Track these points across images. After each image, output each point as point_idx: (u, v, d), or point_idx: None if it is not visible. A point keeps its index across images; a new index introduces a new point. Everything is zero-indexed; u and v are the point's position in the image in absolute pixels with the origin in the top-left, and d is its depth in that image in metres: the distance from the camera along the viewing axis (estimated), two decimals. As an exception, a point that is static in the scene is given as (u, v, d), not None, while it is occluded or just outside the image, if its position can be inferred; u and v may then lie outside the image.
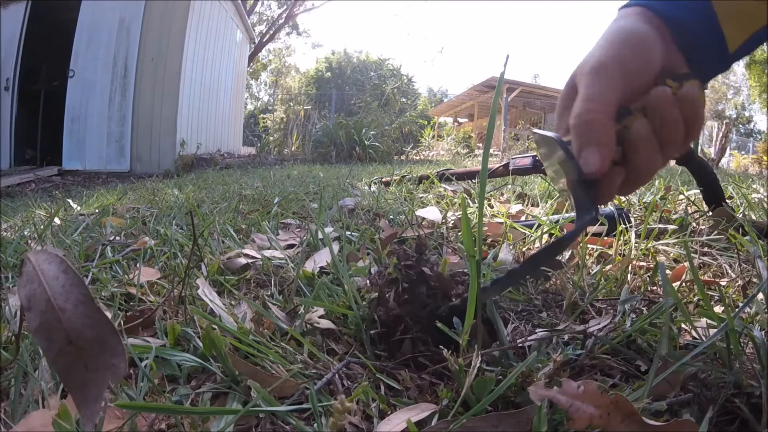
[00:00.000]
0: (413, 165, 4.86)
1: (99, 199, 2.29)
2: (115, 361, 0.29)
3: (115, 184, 4.44)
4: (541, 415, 0.31)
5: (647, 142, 0.43)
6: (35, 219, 1.52)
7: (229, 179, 3.13)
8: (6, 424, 0.38)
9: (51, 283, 0.29)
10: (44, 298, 0.28)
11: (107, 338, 0.29)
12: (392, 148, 8.23)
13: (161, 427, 0.38)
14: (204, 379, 0.44)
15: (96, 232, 1.15)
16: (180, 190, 2.38)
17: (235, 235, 1.00)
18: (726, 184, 1.32)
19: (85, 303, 0.29)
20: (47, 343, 0.28)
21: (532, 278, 0.51)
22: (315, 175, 3.18)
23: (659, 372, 0.38)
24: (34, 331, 0.28)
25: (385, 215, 1.22)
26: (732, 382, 0.39)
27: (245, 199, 1.73)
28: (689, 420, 0.32)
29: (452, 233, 1.01)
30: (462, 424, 0.33)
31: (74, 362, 0.28)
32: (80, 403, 0.28)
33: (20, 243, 1.04)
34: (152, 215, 1.43)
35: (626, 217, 0.91)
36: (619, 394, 0.32)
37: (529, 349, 0.46)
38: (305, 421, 0.37)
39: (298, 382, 0.41)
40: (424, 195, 1.57)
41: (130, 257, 0.88)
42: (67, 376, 0.28)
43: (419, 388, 0.41)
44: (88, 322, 0.28)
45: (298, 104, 10.56)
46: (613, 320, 0.53)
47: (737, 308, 0.48)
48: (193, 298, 0.62)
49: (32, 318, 0.28)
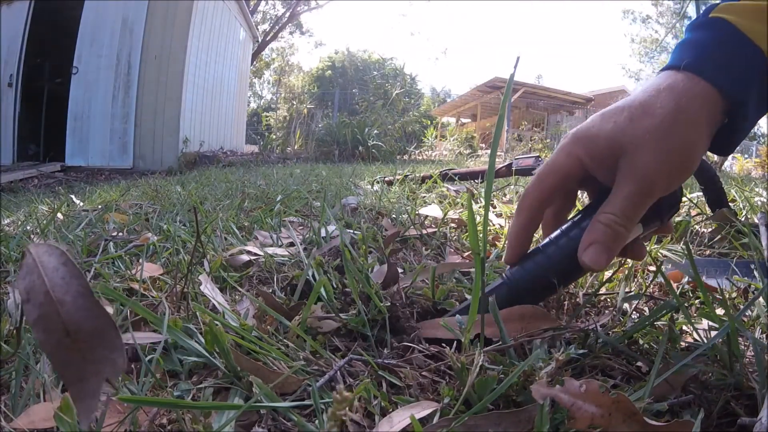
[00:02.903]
0: (416, 165, 4.86)
1: (102, 195, 2.29)
2: (114, 355, 0.29)
3: (117, 181, 4.44)
4: (543, 414, 0.31)
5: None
6: (38, 214, 1.52)
7: (231, 177, 3.13)
8: (7, 417, 0.38)
9: (50, 275, 0.29)
10: (43, 290, 0.28)
11: (106, 331, 0.28)
12: (395, 147, 8.23)
13: (162, 421, 0.38)
14: (206, 374, 0.44)
15: (99, 228, 1.15)
16: (183, 187, 2.38)
17: (237, 232, 1.00)
18: (729, 187, 1.32)
19: (84, 295, 0.28)
20: (45, 336, 0.28)
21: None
22: (318, 173, 3.18)
23: (660, 373, 0.38)
24: (32, 323, 0.28)
25: (387, 214, 1.22)
26: (732, 384, 0.39)
27: (248, 196, 1.74)
28: (690, 420, 0.32)
29: (454, 233, 1.01)
30: (463, 422, 0.33)
31: (72, 355, 0.28)
32: (77, 396, 0.28)
33: (23, 238, 1.04)
34: (155, 212, 1.44)
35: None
36: (620, 393, 0.32)
37: (530, 349, 0.47)
38: (307, 418, 0.37)
39: (300, 378, 0.41)
40: (427, 195, 1.57)
41: (132, 253, 0.89)
42: (64, 369, 0.28)
43: (421, 386, 0.41)
44: (87, 314, 0.28)
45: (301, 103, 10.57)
46: (613, 319, 0.53)
47: (739, 311, 0.48)
48: (195, 294, 0.62)
49: (31, 310, 0.28)
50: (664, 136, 0.42)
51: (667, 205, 0.47)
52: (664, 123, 0.43)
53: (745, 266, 0.66)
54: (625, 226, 0.43)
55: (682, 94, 0.43)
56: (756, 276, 0.61)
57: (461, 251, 0.86)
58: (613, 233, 0.43)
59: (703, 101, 0.43)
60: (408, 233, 0.96)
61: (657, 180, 0.43)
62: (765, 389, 0.36)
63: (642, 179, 0.43)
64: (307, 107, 10.09)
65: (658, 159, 0.42)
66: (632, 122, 0.43)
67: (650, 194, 0.43)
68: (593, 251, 0.44)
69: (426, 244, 0.92)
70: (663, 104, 0.43)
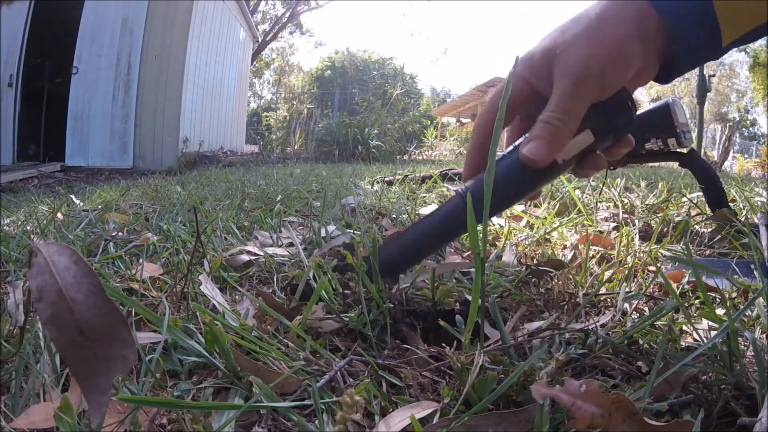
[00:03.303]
0: (416, 165, 4.86)
1: (102, 195, 2.29)
2: (125, 352, 0.30)
3: (117, 181, 4.44)
4: (543, 414, 0.31)
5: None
6: (38, 214, 1.52)
7: (231, 177, 3.13)
8: (7, 417, 0.38)
9: (62, 274, 0.29)
10: (55, 289, 0.28)
11: (118, 329, 0.29)
12: (395, 147, 8.24)
13: (162, 421, 0.38)
14: (206, 374, 0.44)
15: (99, 228, 1.15)
16: (183, 187, 2.38)
17: (237, 232, 1.00)
18: (729, 187, 1.32)
19: (96, 294, 0.29)
20: (58, 334, 0.28)
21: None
22: (318, 173, 3.18)
23: (660, 373, 0.38)
24: (44, 321, 0.28)
25: (387, 214, 1.22)
26: (732, 384, 0.39)
27: (248, 196, 1.74)
28: (690, 420, 0.32)
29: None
30: (463, 422, 0.33)
31: (84, 353, 0.28)
32: (89, 393, 0.28)
33: (23, 238, 1.04)
34: (155, 212, 1.44)
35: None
36: (620, 393, 0.32)
37: (530, 349, 0.47)
38: (307, 418, 0.37)
39: (300, 378, 0.41)
40: (427, 195, 1.57)
41: (132, 253, 0.89)
42: (76, 367, 0.29)
43: (421, 386, 0.41)
44: (99, 312, 0.29)
45: (301, 103, 10.57)
46: (613, 319, 0.53)
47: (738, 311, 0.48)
48: (195, 294, 0.62)
49: (43, 309, 0.28)
50: (591, 34, 0.45)
51: (617, 115, 0.48)
52: (591, 23, 0.45)
53: (745, 266, 0.66)
54: (563, 121, 0.45)
55: (612, 3, 0.46)
56: (756, 276, 0.61)
57: (461, 251, 0.86)
58: (552, 128, 0.46)
59: (635, 11, 0.45)
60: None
61: (586, 74, 0.44)
62: (765, 389, 0.36)
63: (572, 74, 0.45)
64: (307, 107, 10.09)
65: (585, 53, 0.44)
66: (563, 32, 0.47)
67: (582, 88, 0.45)
68: (533, 144, 0.46)
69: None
70: (591, 11, 0.46)
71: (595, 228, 0.98)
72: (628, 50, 0.45)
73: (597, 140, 0.48)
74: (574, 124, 0.46)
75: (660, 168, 3.62)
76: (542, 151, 0.46)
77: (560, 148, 0.47)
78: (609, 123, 0.48)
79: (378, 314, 0.52)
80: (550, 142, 0.46)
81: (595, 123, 0.47)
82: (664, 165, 3.90)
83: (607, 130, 0.49)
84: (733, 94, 20.62)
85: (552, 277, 0.68)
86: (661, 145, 0.97)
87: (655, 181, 1.81)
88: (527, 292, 0.65)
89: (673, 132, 0.94)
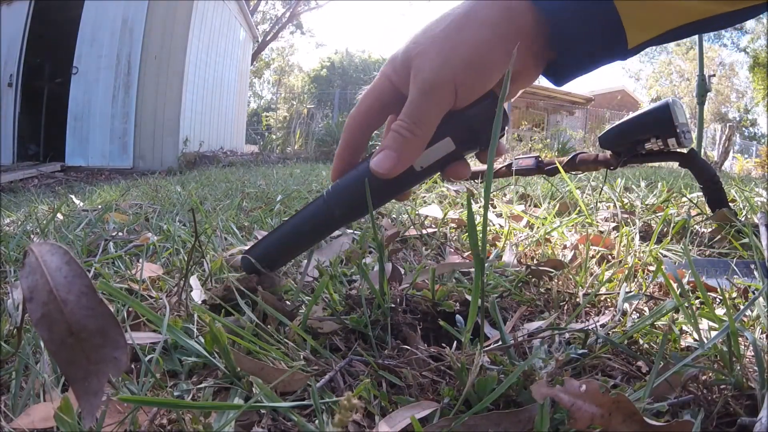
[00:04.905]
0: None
1: (102, 195, 2.29)
2: (117, 354, 0.29)
3: (117, 181, 4.44)
4: (543, 414, 0.31)
5: None
6: (38, 214, 1.52)
7: (231, 177, 3.13)
8: (7, 417, 0.38)
9: (53, 274, 0.29)
10: (46, 289, 0.28)
11: (109, 330, 0.28)
12: (395, 147, 8.21)
13: (162, 422, 0.38)
14: (206, 374, 0.44)
15: (99, 228, 1.15)
16: (183, 187, 2.38)
17: (237, 232, 1.00)
18: (729, 187, 1.32)
19: (87, 294, 0.28)
20: (49, 335, 0.28)
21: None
22: (318, 173, 3.18)
23: (660, 373, 0.38)
24: (35, 322, 0.28)
25: (387, 214, 1.22)
26: (732, 384, 0.39)
27: (248, 196, 1.74)
28: (690, 420, 0.32)
29: (454, 233, 1.01)
30: (463, 422, 0.33)
31: (76, 354, 0.28)
32: (81, 395, 0.28)
33: (23, 237, 1.04)
34: (155, 212, 1.44)
35: None
36: (620, 393, 0.32)
37: (530, 349, 0.47)
38: (307, 418, 0.37)
39: (305, 375, 0.41)
40: (427, 194, 1.57)
41: (132, 253, 0.89)
42: (68, 368, 0.28)
43: (421, 386, 0.41)
44: (90, 313, 0.28)
45: (301, 103, 10.57)
46: (613, 319, 0.53)
47: (739, 311, 0.48)
48: (195, 295, 0.62)
49: (34, 309, 0.28)
50: (446, 38, 0.42)
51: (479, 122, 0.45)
52: (451, 25, 0.43)
53: (745, 266, 0.66)
54: (412, 130, 0.44)
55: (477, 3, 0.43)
56: (756, 276, 0.61)
57: (461, 251, 0.86)
58: (400, 138, 0.44)
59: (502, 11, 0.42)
60: (408, 233, 0.96)
61: (437, 82, 0.42)
62: (765, 389, 0.36)
63: (422, 81, 0.43)
64: (306, 107, 10.08)
65: (438, 59, 0.42)
66: (424, 33, 0.44)
67: (432, 96, 0.43)
68: (380, 156, 0.45)
69: (426, 244, 0.92)
70: (455, 11, 0.44)
71: (595, 228, 0.98)
72: (488, 55, 0.42)
73: (459, 148, 0.47)
74: (426, 133, 0.44)
75: (660, 168, 3.63)
76: (388, 163, 0.44)
77: (411, 159, 0.45)
78: (470, 131, 0.46)
79: (379, 314, 0.52)
80: (399, 154, 0.44)
81: (455, 130, 0.46)
82: (664, 165, 3.90)
83: (469, 138, 0.46)
84: (733, 94, 20.61)
85: (552, 277, 0.68)
86: (661, 145, 0.97)
87: (655, 181, 1.81)
88: (527, 292, 0.65)
89: (673, 132, 0.94)
